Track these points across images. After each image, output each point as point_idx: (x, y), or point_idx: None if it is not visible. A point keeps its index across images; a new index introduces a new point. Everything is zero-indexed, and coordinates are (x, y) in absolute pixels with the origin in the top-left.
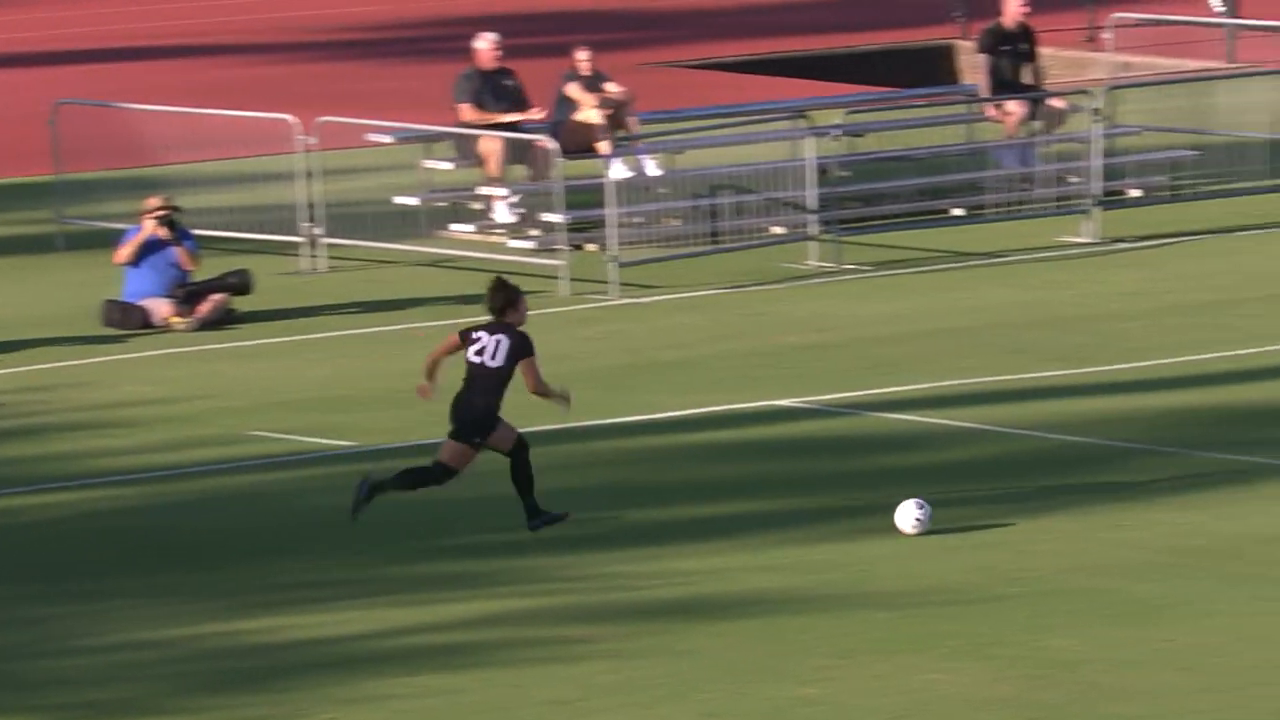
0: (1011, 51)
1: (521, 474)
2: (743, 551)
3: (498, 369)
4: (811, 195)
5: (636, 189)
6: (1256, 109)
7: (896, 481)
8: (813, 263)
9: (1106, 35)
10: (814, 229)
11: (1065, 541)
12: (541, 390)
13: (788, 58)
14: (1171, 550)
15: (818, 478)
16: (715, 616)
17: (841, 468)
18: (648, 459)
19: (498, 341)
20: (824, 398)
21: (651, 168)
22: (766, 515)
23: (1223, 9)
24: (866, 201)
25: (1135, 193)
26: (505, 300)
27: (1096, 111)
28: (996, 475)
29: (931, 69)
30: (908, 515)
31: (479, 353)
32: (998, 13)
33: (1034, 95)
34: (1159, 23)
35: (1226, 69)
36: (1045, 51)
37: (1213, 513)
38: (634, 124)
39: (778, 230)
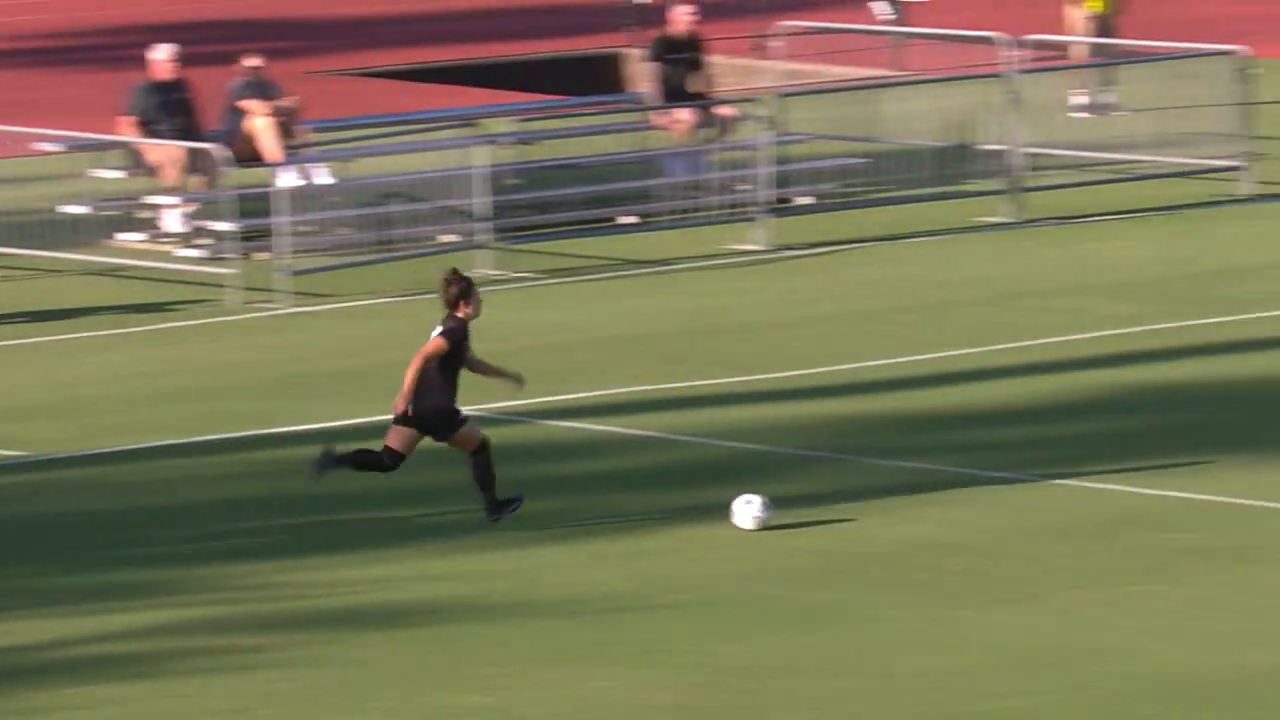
0: (681, 60)
1: (483, 473)
2: (413, 560)
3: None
4: (482, 203)
5: (307, 197)
6: (924, 116)
7: (566, 489)
8: (484, 271)
9: (775, 43)
10: (485, 237)
11: (731, 549)
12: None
13: (458, 66)
14: (835, 556)
15: None
16: (386, 625)
17: (511, 475)
18: None
19: (434, 330)
20: (494, 405)
21: (322, 176)
22: (436, 523)
23: (890, 17)
24: (537, 209)
25: (805, 200)
26: (459, 293)
27: (766, 119)
28: (664, 482)
29: (601, 77)
30: (748, 511)
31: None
32: (666, 21)
33: (703, 103)
34: (827, 31)
35: (894, 77)
36: (714, 60)
37: (877, 519)
38: (304, 132)
39: (449, 238)
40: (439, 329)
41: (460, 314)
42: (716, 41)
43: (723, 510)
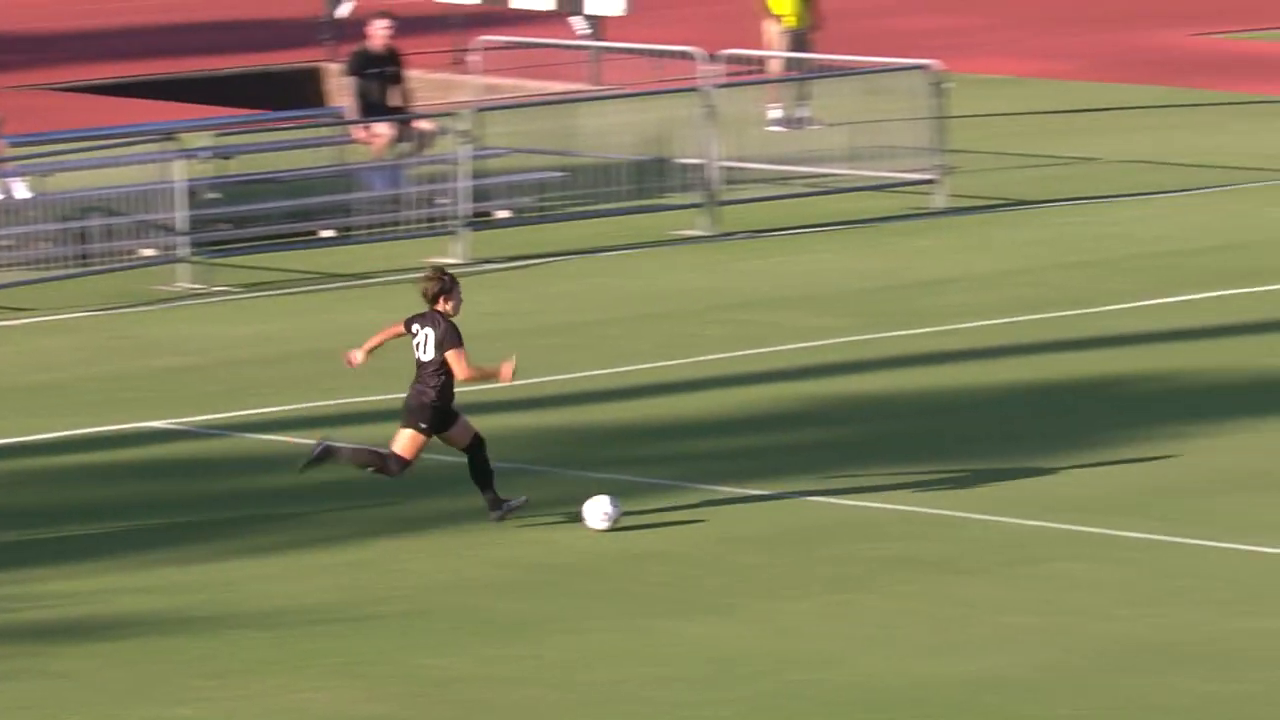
0: (379, 74)
1: (480, 470)
2: (115, 573)
3: (429, 362)
4: (181, 217)
5: (5, 212)
6: (620, 130)
7: (270, 502)
8: (183, 285)
9: (473, 58)
10: (184, 251)
11: (435, 559)
12: (474, 377)
13: (157, 80)
14: (539, 567)
15: (190, 499)
16: (88, 638)
17: (213, 489)
18: (17, 482)
19: (426, 335)
20: (195, 419)
21: (21, 190)
22: (138, 537)
23: (588, 31)
24: (236, 223)
25: (503, 214)
26: (440, 289)
27: (464, 133)
28: (368, 494)
29: (300, 91)
30: (597, 511)
31: (416, 347)
32: (364, 36)
33: (402, 117)
34: (524, 46)
35: (591, 91)
36: (413, 74)
37: (579, 530)
38: (1, 147)
39: (148, 252)
40: (436, 332)
41: (440, 309)
42: (414, 56)
43: (425, 522)
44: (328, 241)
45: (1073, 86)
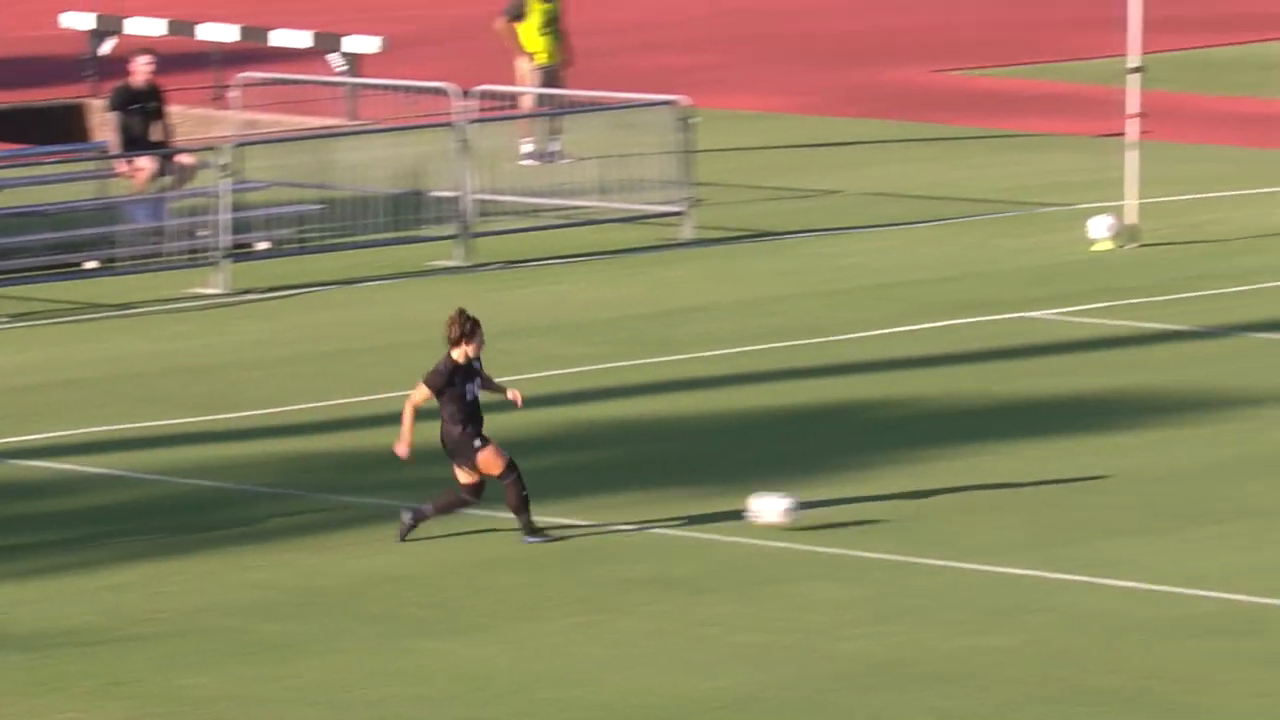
0: (141, 110)
1: (514, 497)
2: None
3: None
4: None
5: None
6: (377, 164)
7: (36, 527)
8: None
9: (233, 94)
10: None
11: (196, 582)
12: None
13: None
14: (299, 590)
15: None
16: None
17: None
18: None
19: None
20: None
21: None
22: None
23: (344, 68)
24: (1, 255)
25: (263, 245)
26: (460, 334)
27: (224, 167)
28: (129, 518)
29: (64, 127)
30: (774, 507)
31: None
32: (127, 73)
33: (163, 152)
34: (283, 82)
35: (348, 126)
36: (174, 109)
37: (337, 553)
38: None
39: None
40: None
41: (454, 352)
42: (176, 92)
43: (186, 545)
44: (92, 273)
45: (817, 121)
